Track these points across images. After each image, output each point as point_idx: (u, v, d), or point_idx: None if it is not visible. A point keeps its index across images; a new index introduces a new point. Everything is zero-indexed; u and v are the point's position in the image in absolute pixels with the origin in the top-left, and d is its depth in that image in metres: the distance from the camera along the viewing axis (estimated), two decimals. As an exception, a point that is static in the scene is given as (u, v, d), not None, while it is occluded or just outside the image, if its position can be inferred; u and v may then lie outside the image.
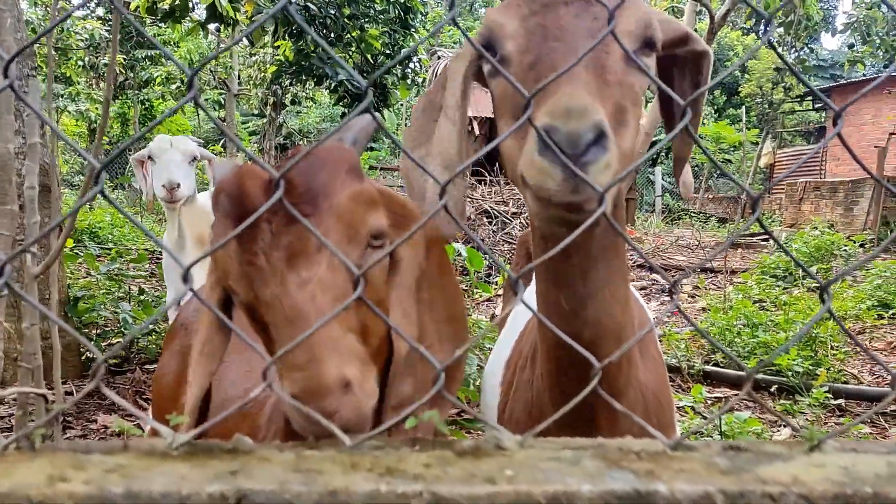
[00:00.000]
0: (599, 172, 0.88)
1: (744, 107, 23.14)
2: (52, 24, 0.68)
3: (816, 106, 23.38)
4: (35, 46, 2.37)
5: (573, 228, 0.87)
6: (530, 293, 1.57)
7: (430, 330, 1.12)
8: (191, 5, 8.17)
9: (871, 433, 3.81)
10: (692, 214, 18.88)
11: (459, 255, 4.18)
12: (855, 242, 9.42)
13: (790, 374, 4.45)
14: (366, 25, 10.07)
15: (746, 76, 22.45)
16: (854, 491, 0.72)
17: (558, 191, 0.89)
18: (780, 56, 0.82)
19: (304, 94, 18.62)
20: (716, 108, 25.97)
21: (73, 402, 0.74)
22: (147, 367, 5.07)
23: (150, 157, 4.15)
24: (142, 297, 5.64)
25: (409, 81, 11.76)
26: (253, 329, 1.01)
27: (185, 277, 0.76)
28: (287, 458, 0.76)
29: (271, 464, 0.74)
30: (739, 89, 22.40)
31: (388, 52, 11.04)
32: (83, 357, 4.92)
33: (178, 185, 3.90)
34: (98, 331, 5.25)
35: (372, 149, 20.92)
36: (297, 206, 0.93)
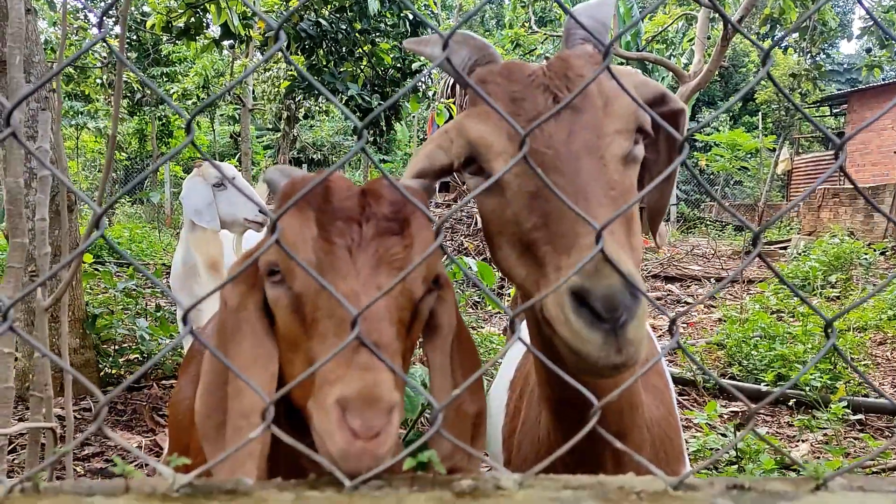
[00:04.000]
0: (638, 328, 0.86)
1: (760, 113, 22.98)
2: (64, 63, 0.70)
3: (835, 111, 23.18)
4: (60, 56, 2.41)
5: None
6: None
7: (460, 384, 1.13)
8: (205, 23, 8.28)
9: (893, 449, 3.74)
10: (708, 223, 18.74)
11: (470, 268, 4.17)
12: (875, 250, 9.30)
13: (808, 388, 4.39)
14: (377, 40, 10.13)
15: (762, 82, 22.31)
16: (858, 534, 0.71)
17: (602, 356, 0.87)
18: (791, 100, 0.81)
19: (317, 107, 18.75)
20: (731, 115, 25.81)
21: (75, 444, 0.75)
22: (163, 382, 5.11)
23: (222, 185, 4.17)
24: (158, 314, 5.69)
25: (419, 94, 11.80)
26: (286, 334, 0.99)
27: (185, 319, 0.76)
28: (286, 498, 0.76)
29: (270, 506, 0.75)
30: (755, 96, 22.23)
31: (398, 65, 11.10)
32: (101, 373, 4.97)
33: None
34: (116, 347, 5.31)
35: (384, 161, 21.01)
36: (388, 221, 0.98)
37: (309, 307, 0.93)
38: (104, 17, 0.65)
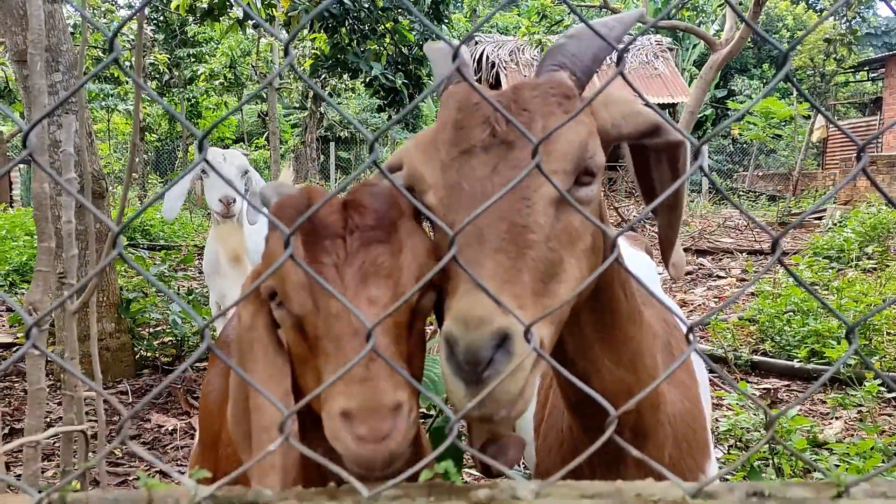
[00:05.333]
0: (505, 384, 0.84)
1: (794, 80, 22.37)
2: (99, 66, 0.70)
3: (872, 76, 22.50)
4: (85, 50, 2.45)
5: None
6: None
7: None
8: (229, 4, 8.29)
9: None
10: (741, 194, 18.43)
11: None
12: (914, 220, 9.06)
13: (842, 365, 4.33)
14: (399, 17, 10.06)
15: (797, 49, 21.70)
16: (880, 547, 0.70)
17: (462, 405, 0.85)
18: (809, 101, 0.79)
19: (342, 85, 18.73)
20: (764, 82, 25.20)
21: (101, 457, 0.77)
22: (197, 365, 5.22)
23: (203, 171, 4.24)
24: (190, 297, 5.79)
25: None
26: (294, 351, 1.02)
27: (203, 335, 0.77)
28: (306, 510, 0.77)
29: (290, 517, 0.76)
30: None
31: (421, 43, 11.02)
32: (136, 356, 5.09)
33: (234, 200, 3.99)
34: (150, 330, 5.42)
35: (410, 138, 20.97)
36: (372, 230, 0.99)
37: (309, 326, 0.96)
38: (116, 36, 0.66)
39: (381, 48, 10.61)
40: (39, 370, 1.40)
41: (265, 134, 20.63)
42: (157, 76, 18.31)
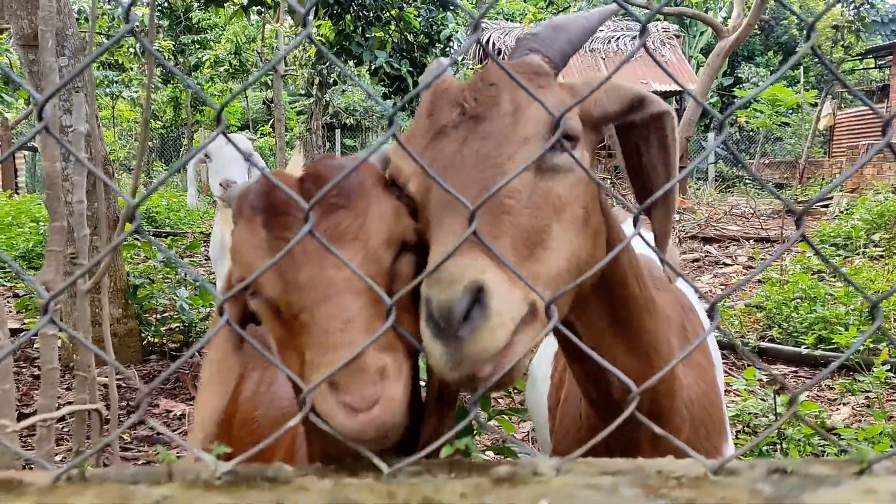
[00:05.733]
0: (482, 342, 0.81)
1: (801, 67, 22.24)
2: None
3: (879, 64, 22.32)
4: (90, 36, 2.42)
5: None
6: None
7: None
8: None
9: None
10: (747, 182, 18.33)
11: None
12: (921, 207, 9.00)
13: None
14: (404, 4, 10.00)
15: (804, 34, 21.50)
16: (905, 523, 0.69)
17: (444, 369, 0.83)
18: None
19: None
20: (771, 70, 25.02)
21: (118, 433, 0.77)
22: (204, 351, 5.22)
23: (206, 155, 4.24)
24: (197, 283, 5.79)
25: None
26: (276, 338, 1.01)
27: (221, 310, 0.77)
28: (325, 486, 0.77)
29: (310, 493, 0.76)
30: (796, 49, 21.53)
31: (426, 30, 10.96)
32: (144, 342, 5.11)
33: (234, 183, 3.98)
34: (157, 316, 5.43)
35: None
36: (332, 198, 0.97)
37: (284, 307, 0.94)
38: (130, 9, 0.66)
39: (387, 35, 10.56)
40: (52, 350, 1.40)
41: (270, 121, 20.60)
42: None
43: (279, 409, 1.61)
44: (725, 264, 8.36)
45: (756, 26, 14.76)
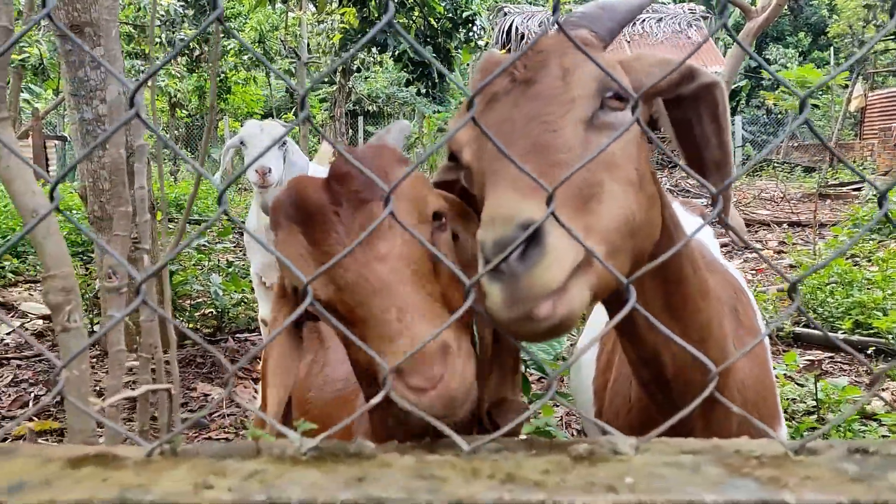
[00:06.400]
0: (541, 274, 0.80)
1: (832, 48, 21.79)
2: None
3: (913, 42, 21.79)
4: (150, 31, 2.46)
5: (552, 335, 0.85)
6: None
7: None
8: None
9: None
10: (776, 165, 18.08)
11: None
12: (958, 190, 8.80)
13: (890, 336, 4.26)
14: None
15: (835, 16, 21.07)
16: None
17: (500, 310, 0.82)
18: None
19: (371, 59, 18.65)
20: (800, 51, 24.58)
21: (209, 409, 0.78)
22: (238, 336, 5.30)
23: (241, 143, 4.27)
24: (230, 269, 5.87)
25: (472, 45, 11.63)
26: (338, 333, 1.04)
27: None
28: (408, 462, 0.78)
29: (393, 469, 0.77)
30: (827, 30, 21.11)
31: (450, 15, 10.91)
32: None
33: (270, 170, 4.01)
34: (191, 302, 5.51)
35: (438, 111, 20.82)
36: (359, 194, 1.00)
37: (339, 306, 0.97)
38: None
39: (410, 21, 10.52)
40: (119, 332, 1.44)
41: (293, 109, 20.67)
42: (188, 52, 18.40)
43: (332, 391, 1.64)
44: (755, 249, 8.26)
45: (786, 7, 14.48)
